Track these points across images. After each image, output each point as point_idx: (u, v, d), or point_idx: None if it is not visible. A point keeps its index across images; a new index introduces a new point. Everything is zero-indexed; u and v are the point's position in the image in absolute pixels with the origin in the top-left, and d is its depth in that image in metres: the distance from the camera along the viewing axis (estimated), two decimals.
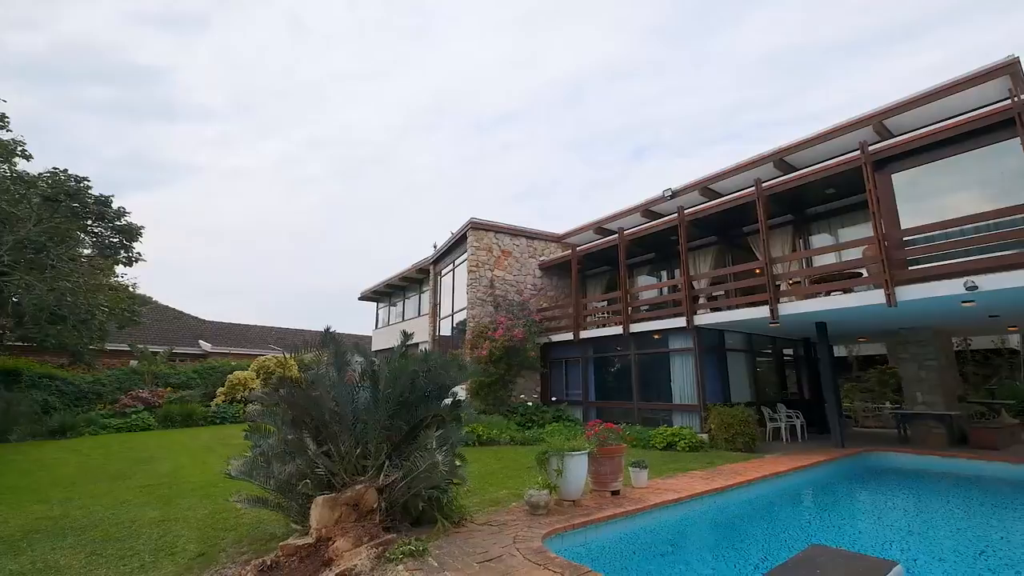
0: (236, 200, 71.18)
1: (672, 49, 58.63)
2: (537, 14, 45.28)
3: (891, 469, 8.87)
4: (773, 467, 7.45)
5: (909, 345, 10.90)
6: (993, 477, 7.88)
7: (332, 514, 4.03)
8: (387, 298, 25.78)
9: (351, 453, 4.20)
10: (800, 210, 10.96)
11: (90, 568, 4.24)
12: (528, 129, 79.98)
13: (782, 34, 53.20)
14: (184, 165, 59.33)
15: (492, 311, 14.68)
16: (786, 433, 10.90)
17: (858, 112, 9.39)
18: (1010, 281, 6.61)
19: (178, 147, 56.41)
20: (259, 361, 19.84)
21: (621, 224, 14.63)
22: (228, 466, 4.45)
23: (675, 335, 11.11)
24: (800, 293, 9.62)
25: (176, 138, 54.34)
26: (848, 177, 8.83)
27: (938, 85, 8.57)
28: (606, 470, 5.47)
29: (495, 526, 4.38)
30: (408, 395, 4.16)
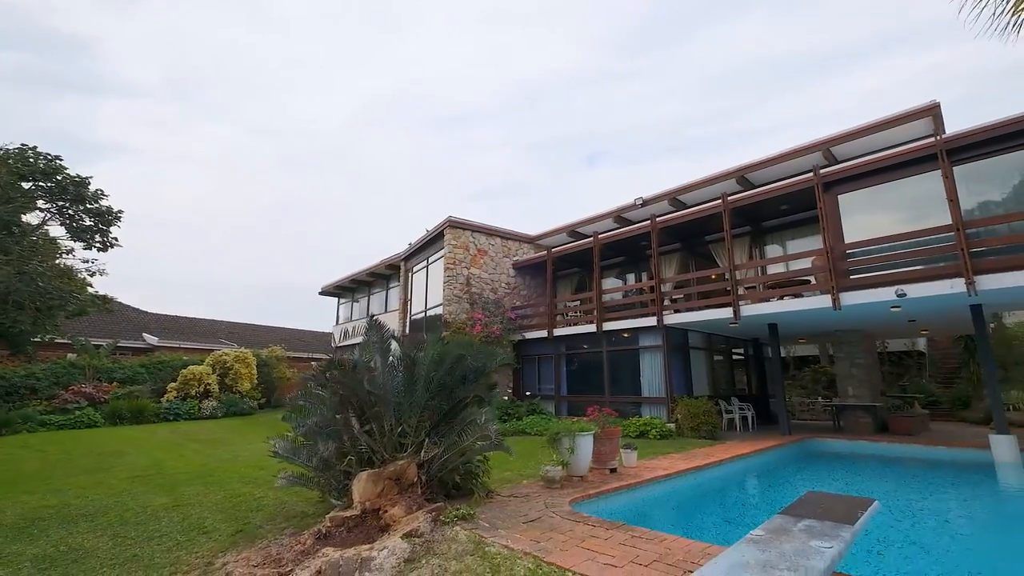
0: (178, 188, 66.36)
1: (629, 60, 61.05)
2: (501, 16, 45.83)
3: (829, 452, 10.14)
4: (737, 450, 8.38)
5: (843, 345, 12.41)
6: (909, 457, 9.26)
7: (375, 488, 4.34)
8: (350, 294, 25.36)
9: (392, 431, 4.52)
10: (757, 222, 12.18)
11: (122, 549, 4.30)
12: (484, 129, 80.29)
13: (731, 54, 56.90)
14: (116, 145, 54.53)
15: (468, 308, 15.03)
16: (739, 423, 12.06)
17: (807, 138, 10.73)
18: (930, 290, 7.88)
19: (108, 125, 51.80)
20: (215, 356, 19.04)
21: (594, 228, 15.47)
22: (273, 446, 4.62)
23: (645, 333, 11.99)
24: (756, 297, 10.75)
25: (106, 116, 49.84)
26: (801, 195, 10.02)
27: (874, 121, 9.96)
28: (606, 449, 6.08)
29: (520, 497, 4.85)
30: (447, 378, 4.53)
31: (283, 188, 76.12)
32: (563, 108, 71.42)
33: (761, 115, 71.79)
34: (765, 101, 71.81)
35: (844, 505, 3.09)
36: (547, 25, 49.31)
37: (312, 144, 69.40)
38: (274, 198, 78.41)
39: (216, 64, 48.33)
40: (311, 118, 64.41)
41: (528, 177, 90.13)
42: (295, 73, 55.07)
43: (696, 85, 68.24)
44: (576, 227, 15.88)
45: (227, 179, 70.39)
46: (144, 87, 44.92)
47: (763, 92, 70.45)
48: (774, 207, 11.23)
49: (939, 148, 8.10)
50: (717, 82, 65.02)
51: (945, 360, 17.89)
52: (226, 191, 73.27)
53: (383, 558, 3.26)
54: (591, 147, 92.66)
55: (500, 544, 3.41)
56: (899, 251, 8.50)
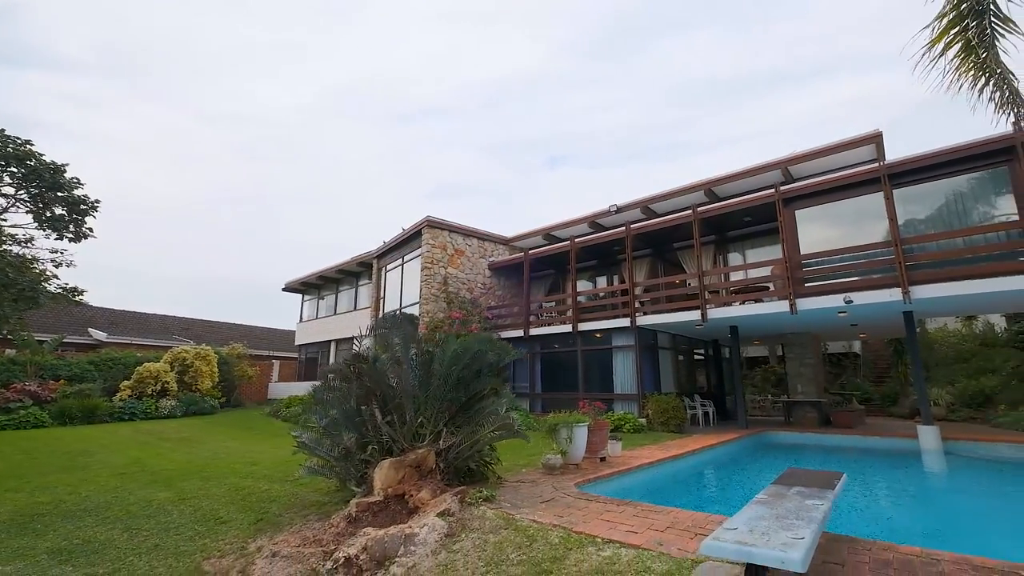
0: (108, 172, 61.03)
1: (590, 66, 62.57)
2: (462, 14, 45.77)
3: (782, 444, 11.14)
4: (704, 442, 9.13)
5: (794, 347, 13.59)
6: (850, 447, 10.36)
7: (397, 475, 4.62)
8: (316, 290, 24.81)
9: (412, 422, 4.80)
10: (722, 232, 13.14)
11: (140, 540, 4.36)
12: (445, 127, 79.49)
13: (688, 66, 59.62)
14: (34, 121, 49.02)
15: (445, 307, 15.24)
16: (701, 418, 12.96)
17: (761, 150, 11.72)
18: (872, 298, 8.92)
19: (25, 98, 46.54)
20: (173, 353, 18.24)
21: (569, 232, 16.09)
22: (298, 437, 4.78)
23: (618, 333, 12.67)
24: (720, 301, 11.63)
25: (25, 88, 44.57)
26: (763, 209, 10.96)
27: (826, 145, 11.07)
28: (597, 440, 6.57)
29: (527, 483, 5.24)
30: (464, 372, 4.86)
31: (232, 179, 72.50)
32: (525, 110, 72.23)
33: (715, 126, 75.56)
34: (718, 113, 75.64)
35: (822, 477, 3.69)
36: (509, 26, 49.77)
37: (263, 133, 66.08)
38: (223, 189, 74.54)
39: (158, 43, 44.67)
40: (262, 106, 61.10)
41: (489, 176, 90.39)
42: (245, 58, 52.25)
43: (654, 95, 70.98)
44: (551, 230, 16.44)
45: (169, 166, 65.96)
46: (72, 61, 41.38)
47: (717, 104, 74.19)
48: (738, 219, 12.19)
49: (882, 173, 9.17)
50: (674, 93, 67.96)
51: (877, 361, 19.77)
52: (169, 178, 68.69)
53: (425, 533, 3.57)
54: (552, 150, 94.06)
55: (528, 519, 3.79)
56: (847, 262, 9.54)
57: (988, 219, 8.63)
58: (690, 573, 2.71)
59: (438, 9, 44.41)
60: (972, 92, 4.47)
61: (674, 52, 54.45)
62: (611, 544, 3.23)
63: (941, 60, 4.40)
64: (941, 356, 16.53)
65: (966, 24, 4.08)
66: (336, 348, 22.46)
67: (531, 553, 3.23)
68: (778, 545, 2.15)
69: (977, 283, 7.98)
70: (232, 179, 72.38)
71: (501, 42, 54.78)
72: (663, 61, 57.30)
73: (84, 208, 8.03)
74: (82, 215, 8.07)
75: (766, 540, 2.22)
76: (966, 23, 4.10)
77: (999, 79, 4.18)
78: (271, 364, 25.34)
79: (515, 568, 3.06)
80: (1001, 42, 4.03)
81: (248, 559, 3.77)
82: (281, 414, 16.15)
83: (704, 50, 52.89)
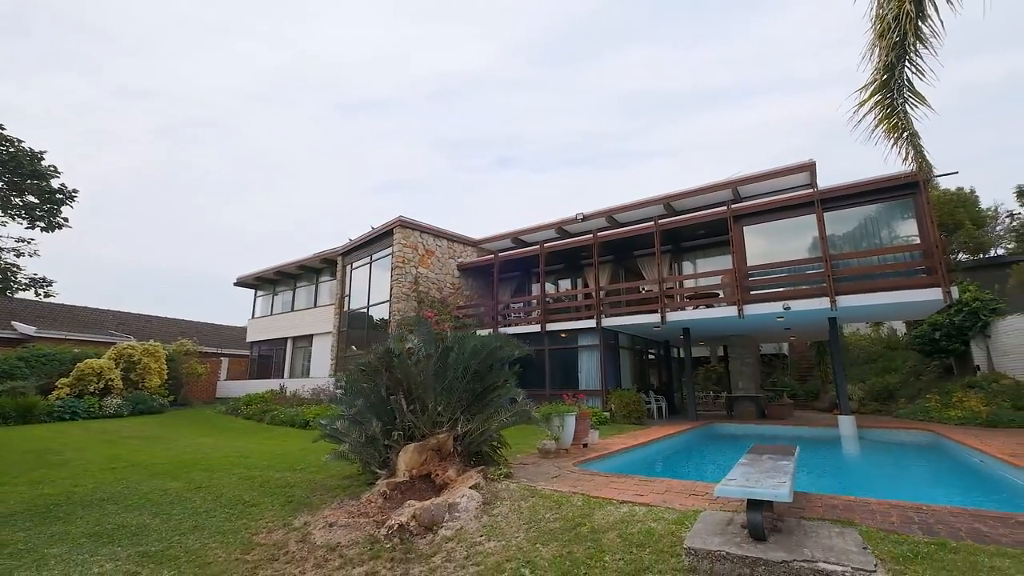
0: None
1: (542, 70, 64.09)
2: (414, 9, 45.44)
3: (727, 433, 12.50)
4: (664, 432, 10.19)
5: (736, 348, 15.16)
6: (783, 435, 11.84)
7: (420, 457, 5.14)
8: (271, 286, 24.08)
9: (433, 411, 5.32)
10: (678, 242, 14.44)
11: (176, 523, 4.61)
12: (392, 120, 77.82)
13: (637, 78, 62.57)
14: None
15: (416, 306, 15.56)
16: (656, 411, 14.19)
17: (715, 168, 13.08)
18: (806, 305, 10.36)
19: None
20: (118, 348, 17.22)
21: (536, 236, 16.90)
22: (324, 427, 5.15)
23: (584, 334, 13.61)
24: (676, 305, 12.86)
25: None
26: (716, 224, 12.28)
27: (769, 170, 12.59)
28: (581, 428, 7.35)
29: (530, 464, 5.90)
30: (480, 366, 5.44)
31: (155, 162, 66.69)
32: (474, 109, 72.36)
33: (660, 136, 79.68)
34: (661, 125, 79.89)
35: (783, 448, 4.64)
36: (462, 24, 49.88)
37: (191, 114, 61.08)
38: (144, 172, 68.14)
39: (63, 4, 39.26)
40: (191, 85, 56.14)
41: (437, 174, 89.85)
42: (173, 31, 47.42)
43: (604, 103, 73.88)
44: (520, 234, 17.18)
45: (84, 144, 59.64)
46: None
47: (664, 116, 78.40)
48: (693, 231, 13.50)
49: (815, 198, 10.67)
50: (623, 102, 71.07)
51: (801, 361, 22.17)
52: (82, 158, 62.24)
53: (466, 502, 4.14)
54: (501, 151, 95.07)
55: (549, 489, 4.46)
56: (786, 274, 10.98)
57: (896, 239, 10.31)
58: (694, 518, 3.49)
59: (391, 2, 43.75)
60: (889, 143, 5.68)
61: (624, 63, 57.02)
62: (626, 504, 3.97)
63: (868, 116, 5.56)
64: (854, 357, 18.92)
65: (885, 94, 5.21)
66: (294, 346, 22.00)
67: (562, 513, 3.90)
68: (770, 486, 2.97)
69: (888, 295, 9.56)
70: (155, 163, 66.79)
71: (451, 39, 54.59)
72: (613, 71, 59.74)
73: (60, 198, 7.68)
74: (58, 204, 7.71)
75: (760, 484, 3.04)
76: (886, 92, 5.23)
77: (908, 138, 5.35)
78: (219, 361, 24.26)
79: (552, 524, 3.72)
80: (913, 111, 5.18)
81: (300, 532, 4.16)
82: (242, 412, 15.74)
83: (652, 63, 55.93)
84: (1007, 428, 9.32)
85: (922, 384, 14.69)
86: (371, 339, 16.53)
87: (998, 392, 11.07)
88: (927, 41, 4.65)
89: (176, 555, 3.91)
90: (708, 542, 2.90)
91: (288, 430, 12.37)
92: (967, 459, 7.21)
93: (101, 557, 3.88)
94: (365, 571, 3.37)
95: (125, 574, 3.59)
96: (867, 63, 5.19)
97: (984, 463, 6.56)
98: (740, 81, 68.01)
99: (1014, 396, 10.53)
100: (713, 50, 54.01)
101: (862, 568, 2.48)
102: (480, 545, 3.53)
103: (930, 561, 2.72)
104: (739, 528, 3.11)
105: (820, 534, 3.01)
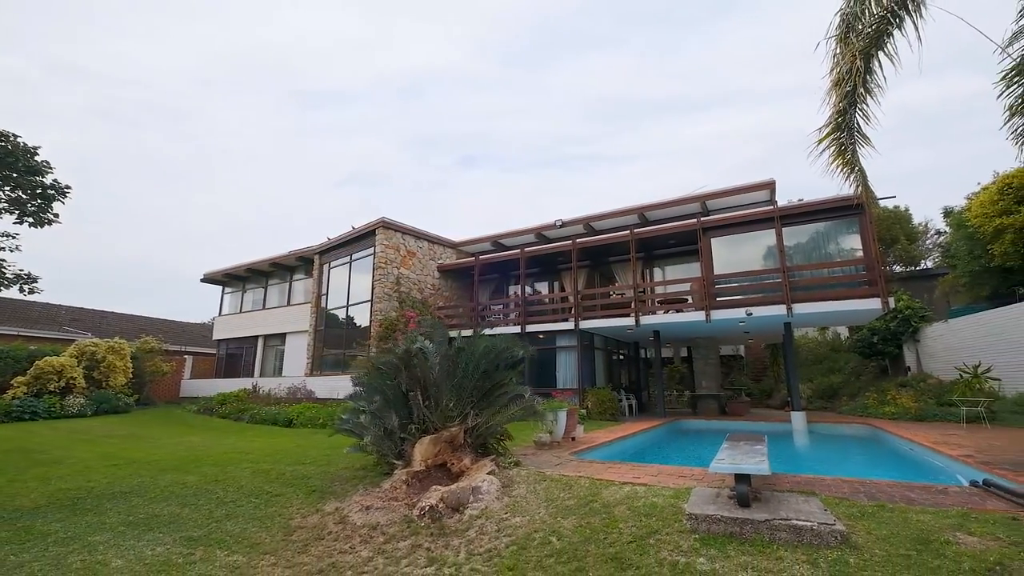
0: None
1: (511, 71, 64.85)
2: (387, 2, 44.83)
3: (692, 428, 13.51)
4: (639, 427, 11.01)
5: (700, 349, 16.28)
6: (743, 430, 12.95)
7: (434, 448, 5.62)
8: (240, 283, 23.55)
9: (446, 406, 5.80)
10: (651, 250, 15.39)
11: (206, 512, 4.91)
12: (356, 114, 76.13)
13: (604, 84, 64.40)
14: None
15: (397, 306, 15.82)
16: (627, 409, 15.07)
17: (689, 190, 14.10)
18: (766, 311, 11.43)
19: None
20: (79, 346, 16.55)
21: (515, 241, 17.50)
22: (340, 423, 5.53)
23: (562, 335, 14.31)
24: (648, 309, 13.76)
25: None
26: (686, 234, 13.26)
27: (734, 186, 13.69)
28: (570, 423, 7.99)
29: (530, 455, 6.47)
30: (489, 365, 5.97)
31: (92, 146, 62.37)
32: (440, 107, 72.03)
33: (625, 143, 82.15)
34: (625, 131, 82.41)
35: (755, 436, 5.43)
36: (431, 20, 49.76)
37: (134, 96, 56.73)
38: (78, 156, 63.19)
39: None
40: (135, 64, 52.34)
41: (400, 169, 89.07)
42: (111, 8, 43.75)
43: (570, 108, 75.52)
44: (499, 238, 17.72)
45: (6, 122, 54.56)
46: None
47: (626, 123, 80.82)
48: (665, 240, 14.46)
49: (775, 214, 11.78)
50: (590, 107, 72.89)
51: (756, 362, 23.80)
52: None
53: (487, 486, 4.67)
54: (467, 150, 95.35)
55: (558, 473, 5.05)
56: (749, 283, 12.04)
57: (843, 253, 11.55)
58: (687, 493, 4.16)
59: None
60: (841, 177, 6.63)
61: (590, 68, 58.64)
62: (627, 484, 4.61)
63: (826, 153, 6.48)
64: (803, 358, 20.57)
65: (839, 135, 6.12)
66: (265, 344, 21.66)
67: (574, 492, 4.50)
68: (752, 463, 3.67)
69: (836, 303, 10.74)
70: (92, 146, 62.58)
71: (418, 36, 54.39)
72: (580, 75, 61.30)
73: (51, 193, 7.51)
74: (50, 200, 7.53)
75: (744, 462, 3.74)
76: (839, 134, 6.14)
77: (857, 172, 6.29)
78: (183, 360, 23.49)
79: (568, 502, 4.31)
80: (861, 149, 6.11)
81: (335, 516, 4.56)
82: (217, 411, 15.52)
83: (619, 70, 57.77)
84: (932, 422, 10.67)
85: (862, 383, 16.29)
86: (351, 339, 16.65)
87: (925, 390, 12.56)
88: (873, 92, 5.54)
89: (221, 538, 4.23)
90: (705, 509, 3.56)
91: (271, 428, 12.41)
92: (900, 447, 8.34)
93: (147, 542, 4.16)
94: (409, 544, 3.85)
95: (180, 555, 3.90)
96: (826, 107, 6.08)
97: (913, 450, 7.66)
98: (703, 92, 71.24)
99: (938, 394, 12.00)
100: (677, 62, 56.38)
101: (825, 523, 3.20)
102: (507, 520, 4.07)
103: (873, 518, 3.48)
104: (727, 499, 3.80)
105: (790, 501, 3.73)
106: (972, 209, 13.22)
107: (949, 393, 11.46)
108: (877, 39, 5.14)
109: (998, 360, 11.58)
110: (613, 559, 3.24)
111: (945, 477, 5.67)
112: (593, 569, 3.15)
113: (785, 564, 2.94)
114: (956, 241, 14.91)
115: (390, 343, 14.55)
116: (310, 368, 17.62)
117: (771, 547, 3.15)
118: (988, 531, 3.22)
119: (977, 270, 13.57)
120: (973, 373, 11.54)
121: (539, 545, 3.57)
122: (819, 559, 2.96)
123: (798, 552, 3.06)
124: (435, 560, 3.54)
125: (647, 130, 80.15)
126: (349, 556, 3.73)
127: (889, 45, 5.11)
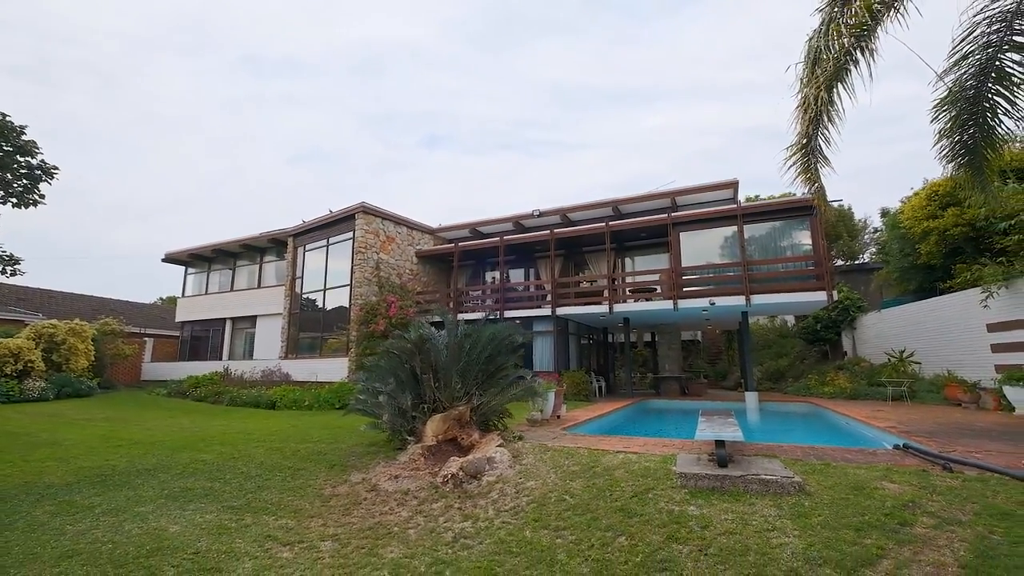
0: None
1: (475, 52, 64.06)
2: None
3: (658, 408, 14.66)
4: (613, 406, 11.95)
5: (665, 335, 17.48)
6: (709, 408, 14.19)
7: (444, 425, 6.20)
8: (206, 263, 22.85)
9: (454, 386, 6.36)
10: (623, 242, 16.28)
11: (235, 486, 5.30)
12: (313, 87, 72.25)
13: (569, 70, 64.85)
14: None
15: (377, 291, 16.04)
16: (597, 390, 16.08)
17: (658, 186, 15.01)
18: (727, 302, 12.55)
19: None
20: (36, 327, 15.85)
21: (493, 228, 17.97)
22: (357, 401, 5.99)
23: (539, 320, 15.05)
24: (619, 298, 14.68)
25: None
26: (657, 228, 14.19)
27: (701, 184, 14.71)
28: (557, 402, 8.74)
29: (527, 431, 7.15)
30: (494, 350, 6.56)
31: (7, 105, 56.89)
32: (402, 84, 69.77)
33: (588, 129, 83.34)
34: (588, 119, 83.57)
35: (724, 411, 6.31)
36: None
37: (61, 56, 52.13)
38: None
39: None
40: (64, 21, 47.90)
41: (360, 148, 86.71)
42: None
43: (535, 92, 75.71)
44: (477, 225, 18.15)
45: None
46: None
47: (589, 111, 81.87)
48: (637, 233, 15.37)
49: (738, 212, 12.86)
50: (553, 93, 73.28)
51: (711, 347, 25.53)
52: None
53: (500, 456, 5.30)
54: (431, 129, 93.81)
55: (558, 445, 5.75)
56: (712, 275, 13.13)
57: (795, 247, 12.78)
58: (673, 458, 4.95)
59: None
60: (804, 188, 7.56)
61: (556, 54, 58.91)
62: (620, 453, 5.37)
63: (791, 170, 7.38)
64: (754, 343, 22.32)
65: (803, 155, 7.00)
66: (234, 327, 21.28)
67: (576, 460, 5.21)
68: (730, 432, 4.48)
69: (789, 296, 11.96)
70: (12, 108, 57.36)
71: (379, 8, 52.61)
72: (544, 61, 61.39)
73: (38, 174, 7.29)
74: (36, 181, 7.30)
75: (722, 431, 4.54)
76: (803, 153, 7.01)
77: (817, 187, 7.22)
78: (143, 342, 22.70)
79: (573, 468, 5.01)
80: (821, 169, 7.02)
81: (364, 485, 5.07)
82: (191, 394, 15.35)
83: (583, 57, 58.37)
84: (864, 400, 12.19)
85: (805, 367, 18.00)
86: (328, 322, 16.75)
87: (859, 373, 14.19)
88: (833, 120, 6.41)
89: (262, 506, 4.67)
90: (691, 469, 4.35)
91: (254, 411, 12.53)
92: (837, 421, 9.63)
93: (192, 512, 4.53)
94: (442, 505, 4.44)
95: (231, 520, 4.32)
96: (795, 125, 6.93)
97: (849, 423, 8.91)
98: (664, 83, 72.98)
99: (869, 375, 13.61)
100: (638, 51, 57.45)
101: (786, 476, 4.04)
102: (523, 484, 4.73)
103: (821, 473, 4.38)
104: (707, 461, 4.61)
105: (758, 462, 4.58)
106: (904, 212, 14.82)
107: (879, 375, 13.06)
108: (837, 73, 5.96)
109: (919, 346, 13.26)
110: (620, 510, 3.96)
111: (874, 443, 6.81)
112: (605, 518, 3.86)
113: (756, 508, 3.75)
114: (890, 240, 16.63)
115: (371, 327, 14.85)
116: (285, 351, 17.60)
117: (745, 496, 3.96)
118: (905, 480, 4.16)
119: (906, 266, 15.27)
120: (899, 357, 13.17)
121: (556, 502, 4.25)
122: (782, 503, 3.79)
123: (766, 499, 3.88)
124: (469, 516, 4.15)
125: (609, 119, 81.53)
126: (391, 516, 4.28)
127: (848, 79, 5.95)
